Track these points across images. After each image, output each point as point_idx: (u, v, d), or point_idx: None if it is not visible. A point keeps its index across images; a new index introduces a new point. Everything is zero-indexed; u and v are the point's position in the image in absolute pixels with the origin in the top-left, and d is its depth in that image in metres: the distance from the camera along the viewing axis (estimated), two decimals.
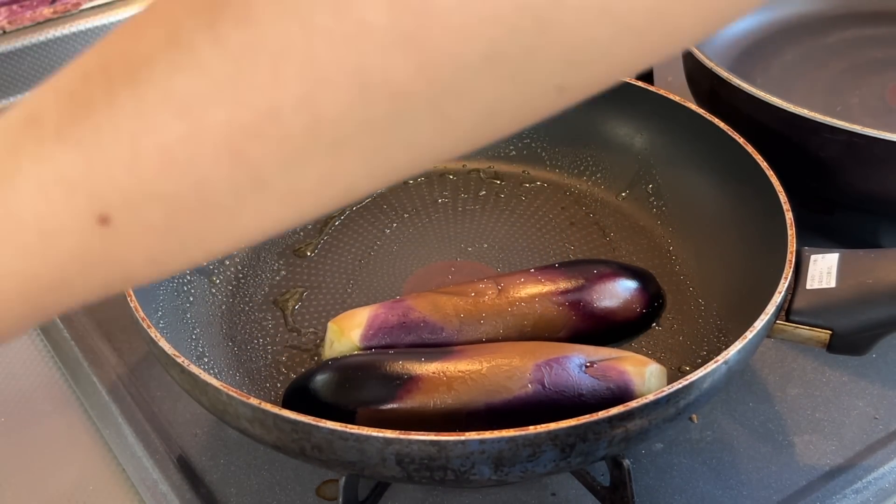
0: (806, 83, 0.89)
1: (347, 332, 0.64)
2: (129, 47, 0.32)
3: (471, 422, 0.56)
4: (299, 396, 0.60)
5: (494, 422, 0.55)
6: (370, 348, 0.63)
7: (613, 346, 0.65)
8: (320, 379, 0.59)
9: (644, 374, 0.59)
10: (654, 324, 0.67)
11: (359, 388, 0.58)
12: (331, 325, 0.65)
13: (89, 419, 0.66)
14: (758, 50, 0.93)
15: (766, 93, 0.71)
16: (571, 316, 0.64)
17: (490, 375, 0.57)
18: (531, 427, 0.48)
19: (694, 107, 0.74)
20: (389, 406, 0.56)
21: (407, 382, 0.57)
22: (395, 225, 0.77)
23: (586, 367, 0.58)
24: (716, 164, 0.72)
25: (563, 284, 0.65)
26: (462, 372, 0.57)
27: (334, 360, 0.61)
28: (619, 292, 0.66)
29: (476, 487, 0.60)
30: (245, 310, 0.70)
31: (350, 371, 0.59)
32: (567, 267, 0.68)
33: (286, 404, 0.60)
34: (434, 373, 0.58)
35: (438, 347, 0.62)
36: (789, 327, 0.59)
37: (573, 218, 0.77)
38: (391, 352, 0.61)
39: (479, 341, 0.63)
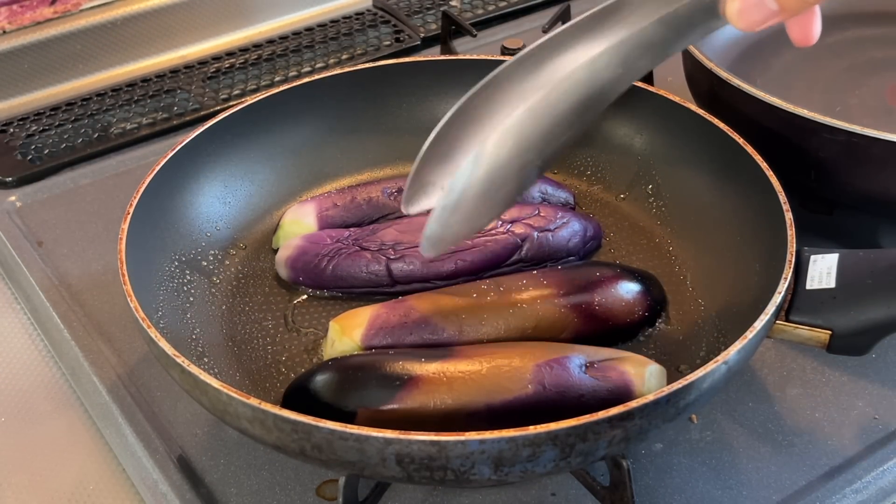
0: (806, 83, 0.89)
1: (349, 332, 0.64)
2: None
3: (471, 422, 0.56)
4: (299, 396, 0.60)
5: (494, 422, 0.55)
6: (371, 348, 0.63)
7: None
8: (320, 379, 0.59)
9: (644, 374, 0.59)
10: (656, 325, 0.67)
11: (359, 388, 0.58)
12: (332, 325, 0.65)
13: (89, 419, 0.66)
14: (758, 50, 0.93)
15: (766, 93, 0.71)
16: (573, 318, 0.64)
17: (490, 376, 0.57)
18: (531, 427, 0.48)
19: (694, 107, 0.74)
20: (389, 406, 0.56)
21: (407, 383, 0.57)
22: None
23: (586, 367, 0.58)
24: (716, 164, 0.72)
25: (565, 287, 0.65)
26: (462, 372, 0.57)
27: (334, 360, 0.61)
28: (621, 295, 0.66)
29: (476, 487, 0.60)
30: (245, 310, 0.70)
31: (350, 371, 0.59)
32: (569, 269, 0.68)
33: (286, 404, 0.60)
34: (434, 373, 0.57)
35: (439, 348, 0.63)
36: (789, 327, 0.59)
37: None
38: (391, 352, 0.61)
39: (480, 342, 0.63)
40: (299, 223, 0.73)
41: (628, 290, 0.66)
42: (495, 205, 0.57)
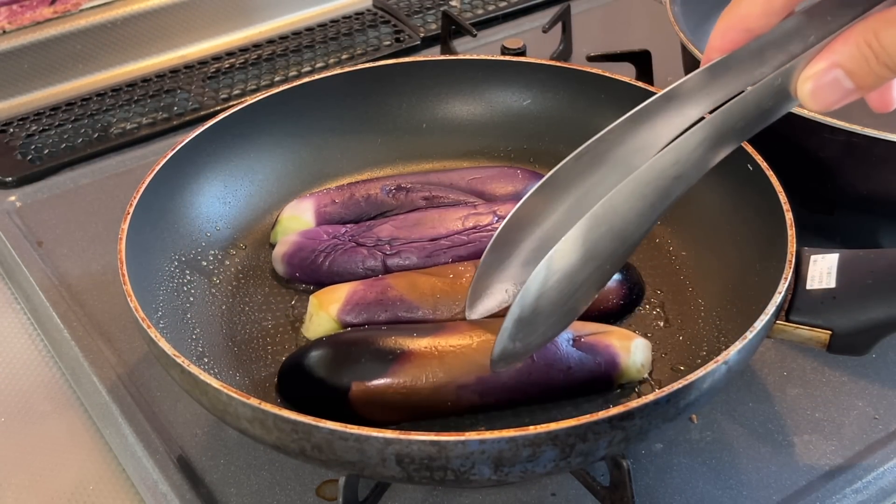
0: None
1: (326, 306, 0.65)
2: None
3: (461, 394, 0.58)
4: (294, 373, 0.61)
5: (484, 394, 0.58)
6: (347, 323, 0.64)
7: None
8: (314, 355, 0.60)
9: (630, 347, 0.61)
10: (635, 311, 0.68)
11: (353, 362, 0.59)
12: (312, 299, 0.66)
13: (89, 419, 0.66)
14: None
15: None
16: None
17: (481, 350, 0.58)
18: (531, 427, 0.48)
19: None
20: (383, 380, 0.57)
21: (400, 357, 0.58)
22: None
23: (574, 341, 0.60)
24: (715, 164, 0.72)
25: None
26: (453, 346, 0.59)
27: (328, 336, 0.62)
28: None
29: (476, 487, 0.60)
30: (245, 310, 0.70)
31: (344, 346, 0.60)
32: None
33: (281, 382, 0.61)
34: (426, 347, 0.59)
35: (430, 324, 0.63)
36: (789, 327, 0.59)
37: None
38: (384, 328, 0.62)
39: (452, 322, 0.64)
40: (297, 219, 0.73)
41: None
42: (567, 313, 0.56)
